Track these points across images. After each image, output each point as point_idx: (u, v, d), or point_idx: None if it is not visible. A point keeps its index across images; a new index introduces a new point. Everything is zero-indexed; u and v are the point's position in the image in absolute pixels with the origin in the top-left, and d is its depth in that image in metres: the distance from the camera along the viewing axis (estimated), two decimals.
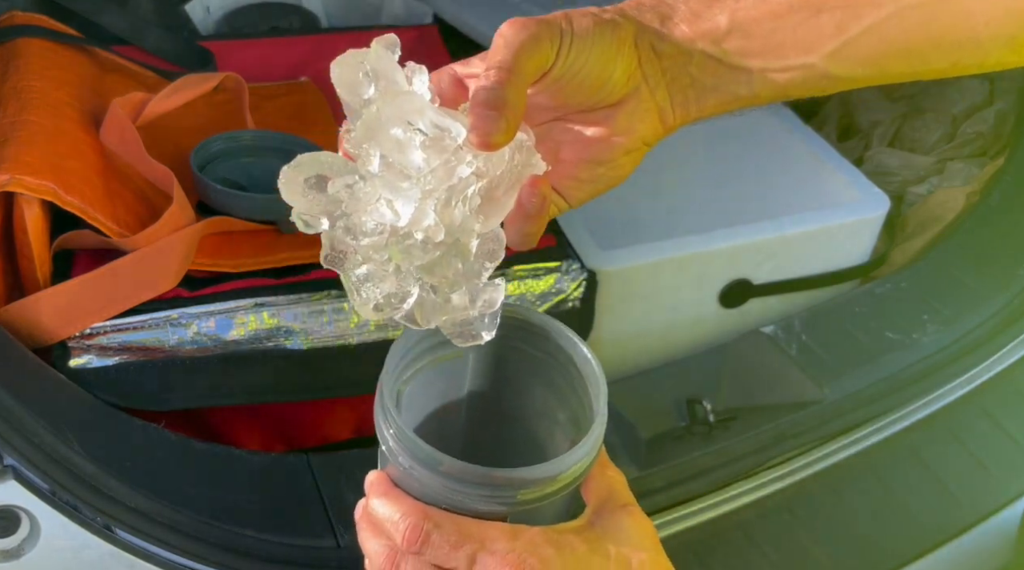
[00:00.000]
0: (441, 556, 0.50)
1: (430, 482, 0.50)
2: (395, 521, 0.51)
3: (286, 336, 0.88)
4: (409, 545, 0.50)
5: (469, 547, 0.50)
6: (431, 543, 0.50)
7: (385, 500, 0.53)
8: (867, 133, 1.39)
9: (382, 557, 0.52)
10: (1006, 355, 1.02)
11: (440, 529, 0.50)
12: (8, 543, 0.68)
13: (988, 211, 1.16)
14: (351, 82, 0.50)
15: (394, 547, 0.52)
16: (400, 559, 0.52)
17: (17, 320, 0.82)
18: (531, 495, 0.50)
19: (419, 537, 0.50)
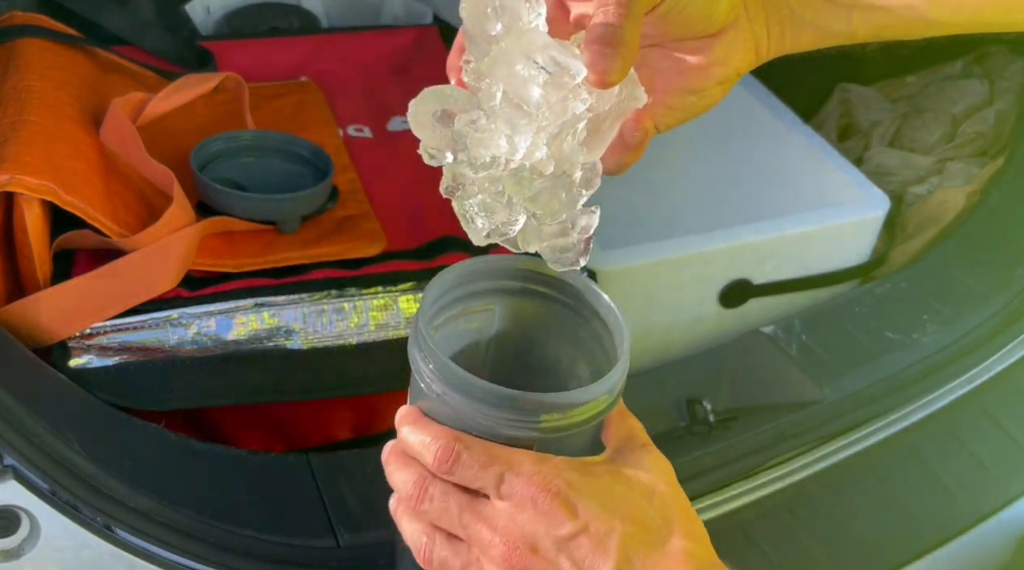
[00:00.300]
0: (470, 476, 0.52)
1: (462, 407, 0.52)
2: (426, 444, 0.53)
3: (286, 336, 0.88)
4: (440, 464, 0.52)
5: (498, 468, 0.51)
6: (461, 463, 0.52)
7: (416, 427, 0.54)
8: (867, 133, 1.39)
9: (410, 484, 0.54)
10: (1006, 355, 1.02)
11: (470, 450, 0.52)
12: (8, 543, 0.68)
13: (988, 211, 1.16)
14: (478, 15, 0.51)
15: (422, 474, 0.53)
16: (428, 484, 0.53)
17: (17, 320, 0.82)
18: (557, 422, 0.52)
19: (450, 457, 0.52)
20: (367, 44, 1.30)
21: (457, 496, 0.53)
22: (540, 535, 0.51)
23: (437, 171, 1.12)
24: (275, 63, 1.23)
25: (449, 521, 0.53)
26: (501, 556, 0.51)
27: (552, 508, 0.51)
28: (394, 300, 0.90)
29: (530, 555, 0.51)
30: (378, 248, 0.94)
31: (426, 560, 0.54)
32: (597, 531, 0.51)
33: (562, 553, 0.51)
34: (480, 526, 0.52)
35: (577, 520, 0.51)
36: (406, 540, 0.56)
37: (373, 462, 0.82)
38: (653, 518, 0.53)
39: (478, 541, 0.52)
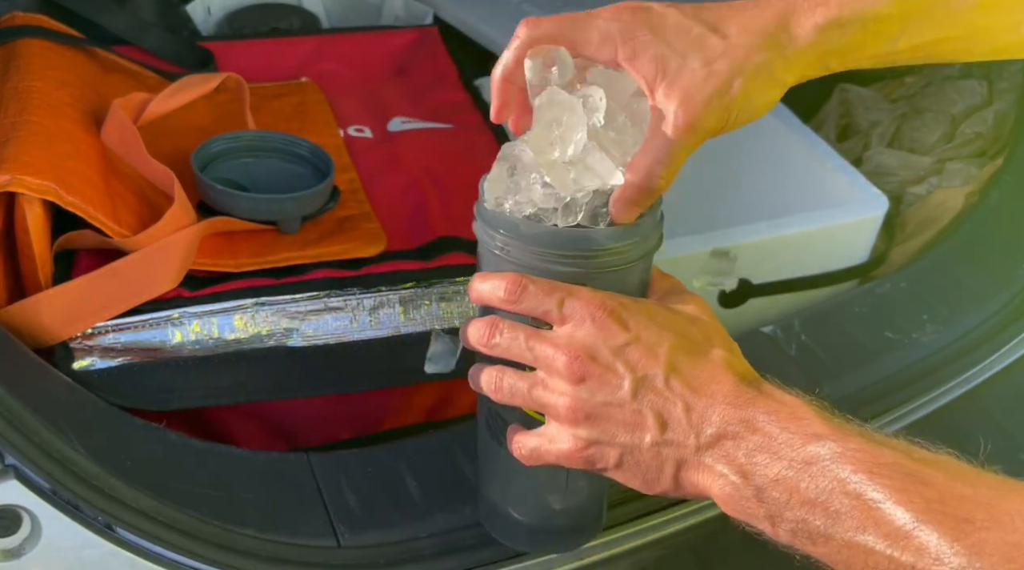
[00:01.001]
0: (535, 303, 0.60)
1: (524, 256, 0.61)
2: (496, 284, 0.61)
3: (286, 335, 0.88)
4: (510, 295, 0.60)
5: (559, 293, 0.60)
6: (528, 292, 0.60)
7: (486, 277, 0.63)
8: (866, 133, 1.39)
9: (483, 325, 0.62)
10: (1005, 355, 1.02)
11: (535, 282, 0.60)
12: (9, 542, 0.68)
13: (987, 211, 1.16)
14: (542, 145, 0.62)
15: (492, 317, 0.62)
16: (498, 322, 0.62)
17: (18, 320, 0.82)
18: (606, 256, 0.61)
19: (518, 288, 0.60)
20: (367, 44, 1.30)
21: (523, 328, 0.61)
22: (598, 345, 0.59)
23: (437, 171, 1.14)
24: (276, 63, 1.23)
25: (518, 347, 0.61)
26: (564, 366, 0.59)
27: (608, 322, 0.59)
28: (394, 300, 0.90)
29: (590, 362, 0.59)
30: (378, 248, 0.94)
31: (497, 390, 0.63)
32: (648, 340, 0.59)
33: (618, 359, 0.59)
34: (544, 346, 0.60)
35: (629, 332, 0.59)
36: (481, 388, 0.64)
37: (373, 461, 0.83)
38: (696, 335, 0.61)
39: (543, 358, 0.60)
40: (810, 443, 0.55)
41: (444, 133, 1.14)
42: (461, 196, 1.03)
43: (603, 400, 0.59)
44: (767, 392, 0.58)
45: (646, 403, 0.58)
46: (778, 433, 0.56)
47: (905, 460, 0.54)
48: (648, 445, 0.59)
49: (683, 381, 0.58)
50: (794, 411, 0.57)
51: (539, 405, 0.62)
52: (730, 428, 0.57)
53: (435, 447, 0.84)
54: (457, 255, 0.93)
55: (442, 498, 0.80)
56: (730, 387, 0.58)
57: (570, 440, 0.61)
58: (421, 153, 1.09)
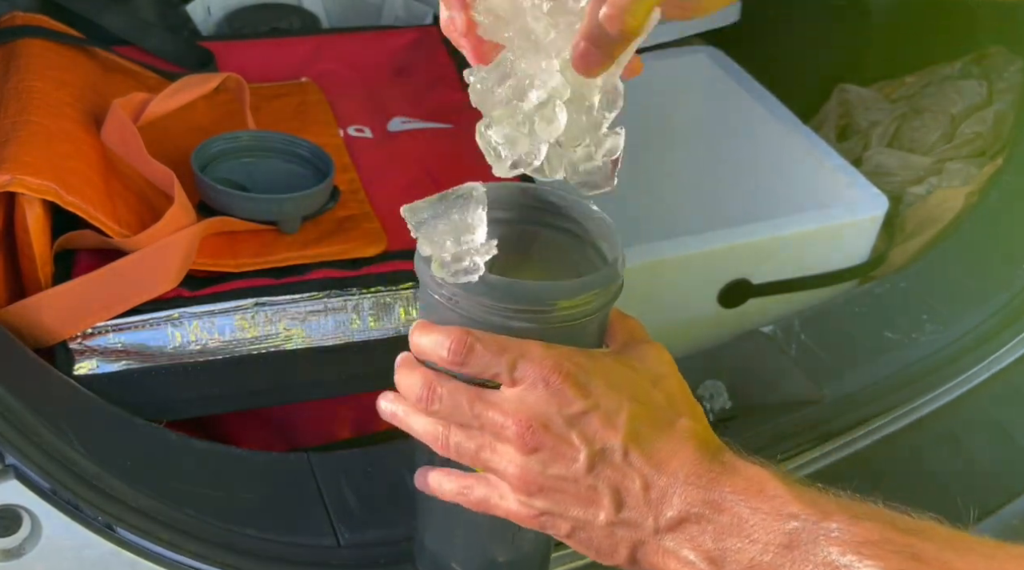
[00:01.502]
0: (483, 365, 0.55)
1: (472, 308, 0.55)
2: (439, 341, 0.55)
3: (286, 335, 0.88)
4: (454, 356, 0.55)
5: (510, 355, 0.54)
6: (475, 353, 0.54)
7: (427, 331, 0.57)
8: (866, 133, 1.39)
9: (418, 386, 0.57)
10: (1005, 355, 1.02)
11: (483, 341, 0.55)
12: (9, 542, 0.68)
13: (987, 211, 1.16)
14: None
15: (429, 375, 0.56)
16: (436, 384, 0.56)
17: (18, 320, 0.82)
18: (563, 311, 0.55)
19: (464, 348, 0.54)
20: (368, 44, 1.30)
21: (466, 391, 0.56)
22: (551, 413, 0.54)
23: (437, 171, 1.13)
24: (276, 63, 1.23)
25: (461, 414, 0.56)
26: (515, 435, 0.54)
27: (563, 388, 0.54)
28: (394, 300, 0.90)
29: (542, 432, 0.54)
30: (378, 248, 0.94)
31: (442, 447, 0.57)
32: (606, 408, 0.54)
33: (573, 429, 0.54)
34: (492, 412, 0.55)
35: (587, 399, 0.54)
36: (420, 437, 0.58)
37: (373, 461, 0.83)
38: (658, 400, 0.56)
39: (491, 425, 0.55)
40: (787, 523, 0.51)
41: (444, 133, 1.14)
42: None
43: (556, 474, 0.54)
44: (732, 466, 0.54)
45: (602, 479, 0.54)
46: (749, 515, 0.52)
47: (892, 534, 0.50)
48: (602, 523, 0.55)
49: (643, 455, 0.54)
50: (763, 487, 0.53)
51: (488, 469, 0.57)
52: (693, 510, 0.53)
53: None
54: None
55: None
56: (693, 463, 0.54)
57: (519, 505, 0.57)
58: (421, 153, 1.09)
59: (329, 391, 0.92)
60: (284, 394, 0.91)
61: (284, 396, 0.91)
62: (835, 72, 1.48)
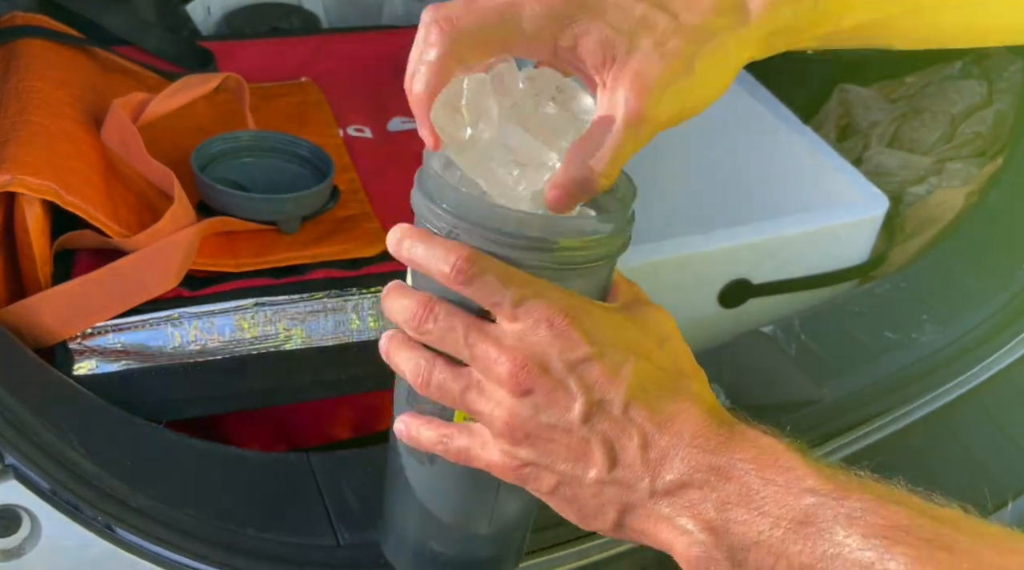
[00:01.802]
0: (488, 290, 0.50)
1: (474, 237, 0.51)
2: (442, 255, 0.50)
3: (286, 335, 0.88)
4: (459, 272, 0.49)
5: (517, 288, 0.50)
6: (483, 276, 0.50)
7: (428, 242, 0.52)
8: (866, 133, 1.39)
9: (414, 305, 0.52)
10: (1005, 355, 1.02)
11: (493, 266, 0.50)
12: (9, 543, 0.68)
13: (987, 211, 1.16)
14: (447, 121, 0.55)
15: (427, 296, 0.52)
16: (434, 304, 0.51)
17: (18, 320, 0.82)
18: (572, 251, 0.51)
19: (472, 265, 0.50)
20: (368, 44, 1.30)
21: (463, 316, 0.51)
22: (552, 356, 0.49)
23: None
24: (276, 63, 1.23)
25: (454, 341, 0.51)
26: (507, 373, 0.50)
27: (569, 330, 0.49)
28: None
29: (539, 374, 0.50)
30: (378, 248, 0.94)
31: (423, 384, 0.52)
32: (612, 359, 0.50)
33: (572, 374, 0.50)
34: (487, 344, 0.50)
35: (593, 346, 0.50)
36: (402, 372, 0.54)
37: (373, 461, 0.83)
38: (664, 361, 0.52)
39: (483, 359, 0.50)
40: (803, 498, 0.46)
41: None
42: None
43: (547, 421, 0.50)
44: (741, 433, 0.50)
45: (597, 431, 0.50)
46: (760, 485, 0.47)
47: (921, 520, 0.46)
48: (591, 481, 0.50)
49: (646, 410, 0.50)
50: (778, 458, 0.48)
51: (472, 411, 0.52)
52: (697, 476, 0.48)
53: None
54: None
55: None
56: (699, 425, 0.50)
57: (501, 455, 0.52)
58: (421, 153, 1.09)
59: (329, 391, 0.92)
60: (284, 394, 0.91)
61: (284, 396, 0.91)
62: (835, 72, 1.48)
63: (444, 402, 0.53)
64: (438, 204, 0.52)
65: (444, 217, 0.52)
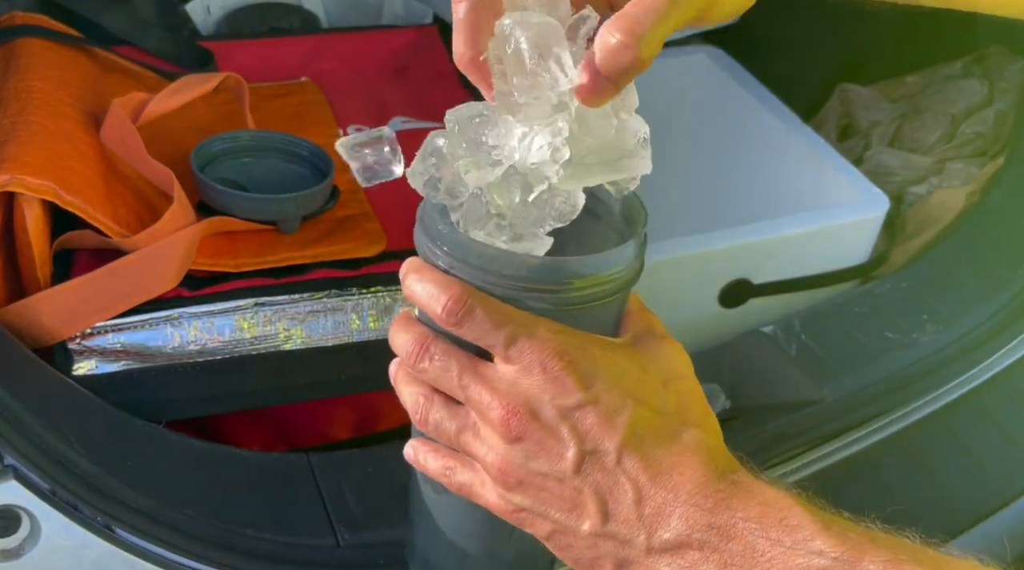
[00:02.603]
0: (480, 332, 0.48)
1: (475, 280, 0.49)
2: (435, 294, 0.49)
3: (286, 336, 0.88)
4: (449, 316, 0.48)
5: (511, 328, 0.48)
6: (473, 316, 0.48)
7: (424, 278, 0.50)
8: (867, 133, 1.39)
9: (411, 342, 0.51)
10: (1006, 355, 1.02)
11: (484, 306, 0.48)
12: (8, 543, 0.68)
13: (988, 211, 1.16)
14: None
15: (425, 333, 0.51)
16: (430, 343, 0.51)
17: (18, 320, 0.82)
18: (578, 290, 0.49)
19: (461, 308, 0.48)
20: (367, 44, 1.30)
21: (459, 356, 0.50)
22: (544, 401, 0.48)
23: None
24: (275, 63, 1.23)
25: (448, 381, 0.50)
26: (499, 419, 0.48)
27: (562, 375, 0.47)
28: (394, 300, 0.90)
29: (529, 420, 0.48)
30: (378, 248, 0.94)
31: (421, 421, 0.52)
32: (607, 405, 0.48)
33: (565, 422, 0.48)
34: (480, 388, 0.49)
35: (587, 392, 0.48)
36: (405, 404, 0.53)
37: (373, 462, 0.83)
38: (667, 405, 0.50)
39: (477, 403, 0.49)
40: (812, 561, 0.44)
41: None
42: None
43: (538, 469, 0.48)
44: (745, 487, 0.47)
45: (589, 483, 0.48)
46: (766, 547, 0.45)
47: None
48: (585, 533, 0.49)
49: (641, 462, 0.47)
50: (783, 515, 0.46)
51: (467, 453, 0.51)
52: (696, 536, 0.46)
53: None
54: None
55: None
56: (698, 480, 0.47)
57: (499, 499, 0.51)
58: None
59: (329, 391, 0.92)
60: (283, 394, 0.91)
61: (284, 396, 0.91)
62: (836, 72, 1.48)
63: (441, 441, 0.52)
64: (438, 246, 0.51)
65: (442, 257, 0.50)
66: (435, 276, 0.50)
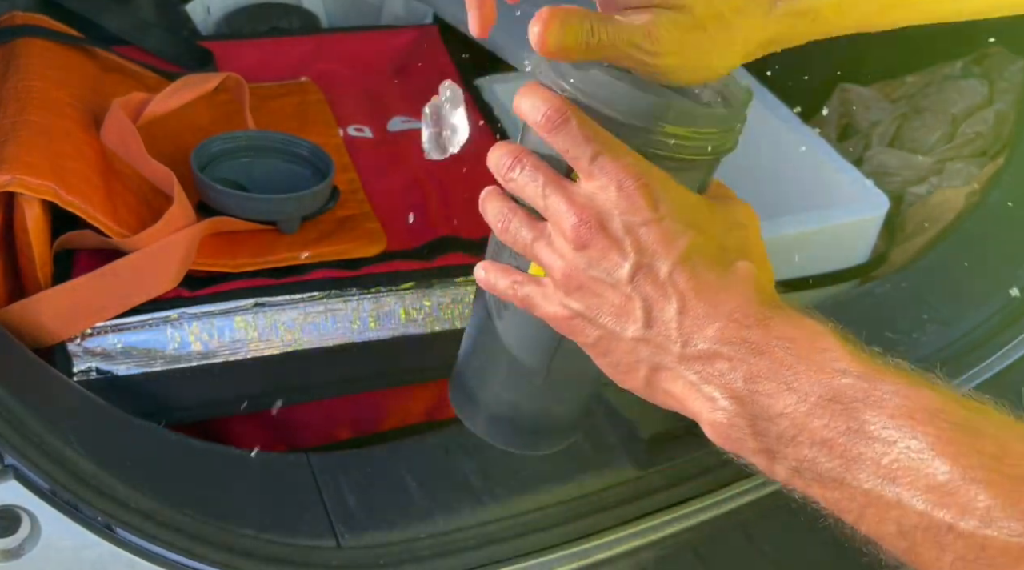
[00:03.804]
0: (570, 142, 0.53)
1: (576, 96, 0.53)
2: (538, 103, 0.54)
3: (286, 336, 0.88)
4: (548, 121, 0.53)
5: (597, 145, 0.53)
6: (569, 127, 0.53)
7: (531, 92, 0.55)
8: (867, 133, 1.39)
9: (506, 155, 0.56)
10: (1006, 355, 1.01)
11: (581, 120, 0.53)
12: (9, 543, 0.68)
13: (987, 211, 1.16)
14: None
15: (520, 150, 0.56)
16: (524, 156, 0.56)
17: (18, 320, 0.82)
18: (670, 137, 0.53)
19: (559, 117, 0.53)
20: (367, 44, 1.30)
21: (546, 170, 0.55)
22: (614, 215, 0.53)
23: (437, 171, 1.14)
24: (275, 63, 1.23)
25: (533, 190, 0.55)
26: (571, 226, 0.53)
27: (635, 194, 0.52)
28: (394, 300, 0.90)
29: (598, 230, 0.53)
30: (378, 248, 0.94)
31: (502, 230, 0.58)
32: (670, 227, 0.52)
33: (628, 235, 0.52)
34: (560, 198, 0.54)
35: (655, 212, 0.52)
36: (488, 219, 0.59)
37: (373, 462, 0.83)
38: (728, 242, 0.54)
39: (554, 212, 0.54)
40: (834, 378, 0.48)
41: None
42: (461, 196, 1.03)
43: (597, 275, 0.53)
44: (787, 315, 0.51)
45: (639, 291, 0.52)
46: (793, 361, 0.49)
47: (952, 406, 0.46)
48: (628, 337, 0.53)
49: (689, 278, 0.52)
50: (815, 339, 0.50)
51: (537, 260, 0.57)
52: (726, 349, 0.50)
53: (435, 447, 0.84)
54: (457, 255, 0.93)
55: (442, 498, 0.80)
56: (741, 301, 0.51)
57: (558, 305, 0.56)
58: (421, 153, 1.09)
59: (329, 391, 0.92)
60: (284, 395, 0.91)
61: (284, 398, 0.91)
62: (835, 72, 1.48)
63: (516, 248, 0.58)
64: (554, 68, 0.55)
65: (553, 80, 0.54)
66: (543, 92, 0.54)
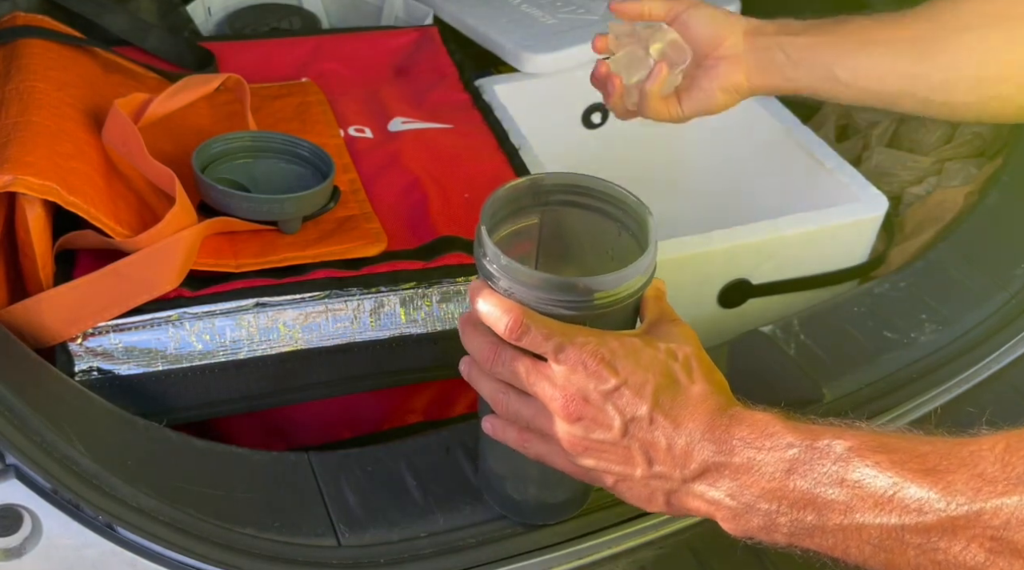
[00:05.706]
0: (534, 344, 0.65)
1: (524, 296, 0.65)
2: (499, 316, 0.65)
3: (286, 336, 0.88)
4: (511, 334, 0.65)
5: (556, 340, 0.64)
6: (529, 334, 0.65)
7: (489, 301, 0.66)
8: (865, 133, 1.39)
9: (486, 348, 0.67)
10: (1005, 354, 1.02)
11: (535, 324, 0.65)
12: (10, 542, 0.69)
13: (986, 211, 1.16)
14: None
15: (494, 341, 0.67)
16: (500, 350, 0.67)
17: (19, 320, 0.82)
18: (604, 300, 0.65)
19: (520, 327, 0.65)
20: (368, 44, 1.30)
21: (523, 359, 0.66)
22: (590, 389, 0.64)
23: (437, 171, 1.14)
24: (276, 64, 1.24)
25: (518, 380, 0.66)
26: (561, 406, 0.65)
27: (599, 369, 0.64)
28: (395, 300, 0.91)
29: (583, 404, 0.64)
30: (379, 248, 0.94)
31: (503, 411, 0.68)
32: (634, 383, 0.64)
33: (608, 402, 0.64)
34: (544, 383, 0.65)
35: (618, 377, 0.64)
36: (485, 396, 0.70)
37: (373, 461, 0.83)
38: (678, 372, 0.66)
39: (543, 395, 0.66)
40: (786, 452, 0.61)
41: (444, 133, 1.14)
42: (461, 196, 1.03)
43: (597, 438, 0.65)
44: (738, 417, 0.64)
45: (635, 441, 0.64)
46: (755, 454, 0.62)
47: (868, 437, 0.60)
48: (639, 477, 0.65)
49: (665, 419, 0.64)
50: (765, 429, 0.63)
51: (541, 431, 0.67)
52: (712, 460, 0.63)
53: (435, 447, 0.84)
54: (457, 255, 0.93)
55: (442, 498, 0.80)
56: (706, 421, 0.64)
57: (571, 464, 0.68)
58: (421, 153, 1.09)
59: (329, 391, 0.92)
60: (284, 395, 0.91)
61: (284, 398, 0.91)
62: None
63: (518, 424, 0.68)
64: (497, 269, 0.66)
65: (502, 280, 0.66)
66: (497, 300, 0.66)
